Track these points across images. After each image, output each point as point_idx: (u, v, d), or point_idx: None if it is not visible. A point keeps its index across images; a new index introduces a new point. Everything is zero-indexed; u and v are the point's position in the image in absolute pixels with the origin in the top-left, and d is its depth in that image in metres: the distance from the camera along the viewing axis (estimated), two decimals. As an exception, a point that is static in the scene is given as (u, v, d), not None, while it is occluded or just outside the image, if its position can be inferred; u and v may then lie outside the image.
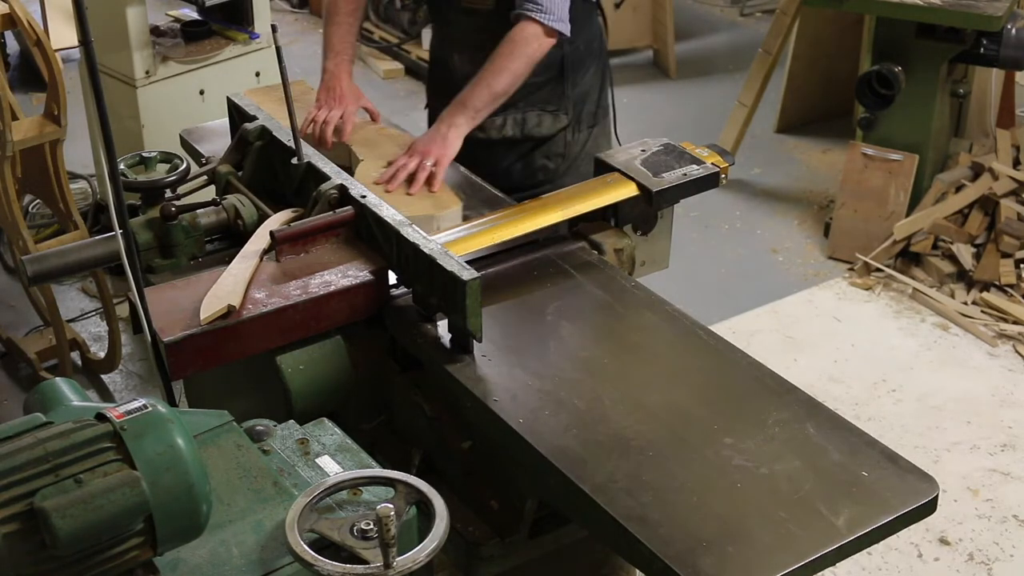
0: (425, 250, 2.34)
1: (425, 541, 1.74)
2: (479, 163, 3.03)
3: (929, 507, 2.04)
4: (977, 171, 4.93)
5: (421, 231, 2.44)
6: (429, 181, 2.77)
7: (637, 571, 2.44)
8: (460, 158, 2.93)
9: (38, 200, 4.70)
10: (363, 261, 2.49)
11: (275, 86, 3.00)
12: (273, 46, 2.66)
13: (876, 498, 2.02)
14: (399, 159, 2.81)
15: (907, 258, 4.81)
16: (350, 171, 2.81)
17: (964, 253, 4.66)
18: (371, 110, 3.09)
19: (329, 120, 2.96)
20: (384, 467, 1.93)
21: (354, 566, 1.69)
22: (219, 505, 1.76)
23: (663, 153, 2.86)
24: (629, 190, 2.77)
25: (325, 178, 2.62)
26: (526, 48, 2.80)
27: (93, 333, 4.43)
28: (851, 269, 4.85)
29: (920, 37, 4.65)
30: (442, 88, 3.10)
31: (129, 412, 1.61)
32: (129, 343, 4.20)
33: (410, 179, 2.79)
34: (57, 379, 1.84)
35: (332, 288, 2.40)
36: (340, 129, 2.97)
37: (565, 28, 2.84)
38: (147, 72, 4.33)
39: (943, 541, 3.50)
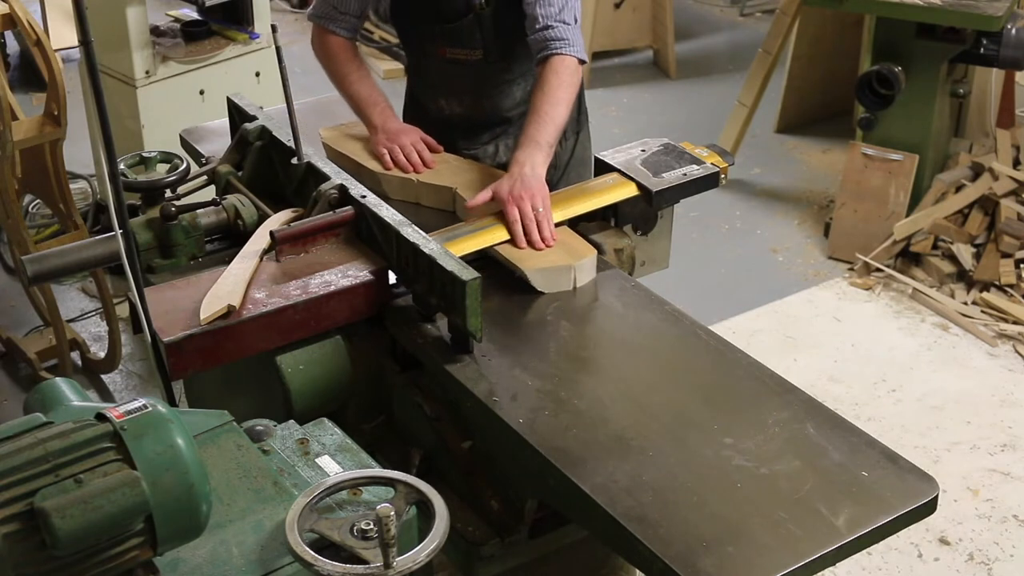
0: (425, 250, 2.34)
1: (425, 541, 1.74)
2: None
3: (929, 507, 2.04)
4: (977, 171, 4.93)
5: (421, 231, 2.44)
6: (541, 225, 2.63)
7: (637, 571, 2.44)
8: None
9: (38, 200, 4.71)
10: (363, 261, 2.49)
11: (351, 124, 3.06)
12: (273, 46, 2.66)
13: (876, 498, 2.02)
14: (509, 213, 2.59)
15: (907, 258, 4.81)
16: (454, 215, 2.76)
17: (964, 253, 4.66)
18: (429, 142, 2.97)
19: (406, 147, 2.89)
20: (384, 467, 1.93)
21: (354, 566, 1.69)
22: (219, 505, 1.76)
23: (663, 153, 2.87)
24: (629, 190, 2.77)
25: (325, 178, 2.62)
26: (572, 79, 2.78)
27: (93, 333, 4.43)
28: (851, 269, 4.85)
29: (920, 37, 4.65)
30: (425, 129, 3.01)
31: (129, 412, 1.61)
32: (129, 343, 4.20)
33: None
34: (57, 379, 1.84)
35: (332, 288, 2.40)
36: (422, 155, 2.90)
37: (586, 57, 2.87)
38: (147, 72, 4.33)
39: (943, 541, 3.50)
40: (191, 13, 4.68)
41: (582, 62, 2.84)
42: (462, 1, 2.91)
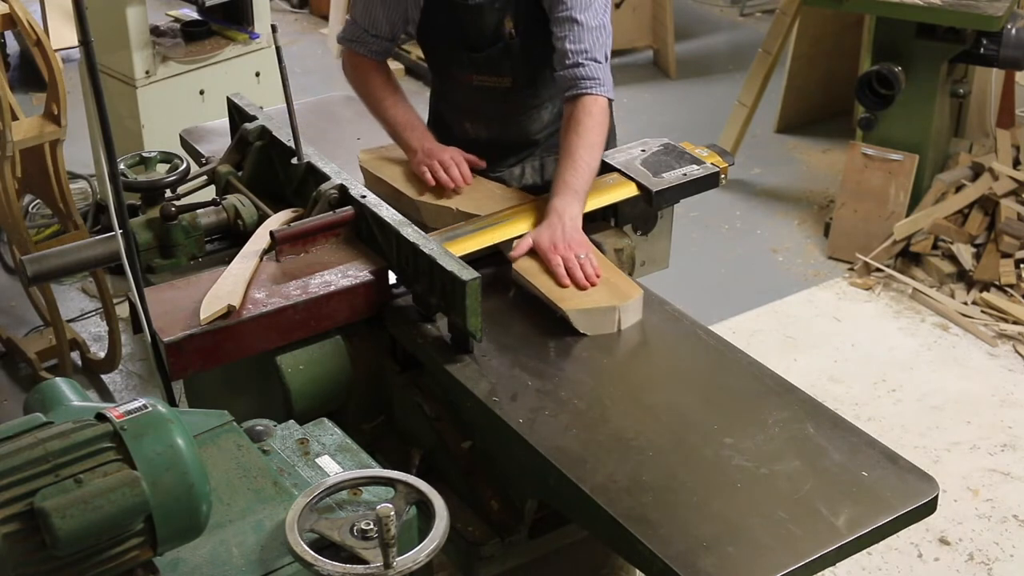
0: (425, 250, 2.34)
1: (425, 541, 1.74)
2: None
3: (929, 507, 2.04)
4: (977, 171, 4.93)
5: (421, 231, 2.44)
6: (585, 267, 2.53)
7: (637, 571, 2.44)
8: None
9: (38, 200, 4.70)
10: (363, 261, 2.49)
11: (387, 146, 2.97)
12: (273, 46, 2.66)
13: (876, 498, 2.02)
14: (552, 260, 2.50)
15: (907, 258, 4.81)
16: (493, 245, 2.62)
17: (964, 253, 4.66)
18: (470, 159, 2.89)
19: (446, 163, 2.82)
20: (384, 467, 1.93)
21: (354, 566, 1.69)
22: (219, 505, 1.76)
23: (663, 153, 2.87)
24: (629, 190, 2.77)
25: (325, 178, 2.62)
26: (604, 120, 2.72)
27: (93, 333, 4.42)
28: (851, 269, 4.85)
29: (920, 37, 4.65)
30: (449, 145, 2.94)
31: (129, 412, 1.61)
32: (129, 343, 4.20)
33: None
34: (57, 379, 1.84)
35: (332, 288, 2.41)
36: (461, 170, 2.84)
37: (614, 95, 2.80)
38: (147, 72, 4.33)
39: (943, 541, 3.50)
40: (191, 13, 4.68)
41: (611, 101, 2.77)
42: (491, 30, 2.84)
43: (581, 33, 2.72)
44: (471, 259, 2.45)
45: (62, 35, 5.20)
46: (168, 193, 2.80)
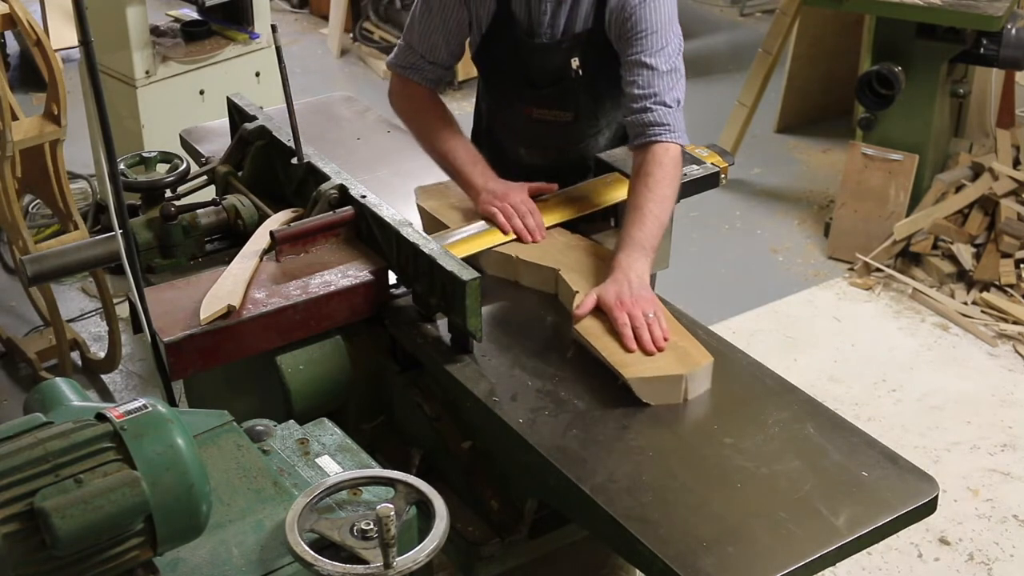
0: (425, 250, 2.34)
1: (425, 541, 1.74)
2: None
3: (929, 507, 2.04)
4: (977, 171, 4.93)
5: (420, 231, 2.44)
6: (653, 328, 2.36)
7: (637, 571, 2.44)
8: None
9: (38, 200, 4.70)
10: (363, 261, 2.49)
11: (443, 184, 2.82)
12: (273, 46, 2.66)
13: (876, 498, 2.02)
14: (618, 319, 2.33)
15: (907, 258, 4.81)
16: (555, 297, 2.50)
17: (964, 253, 4.66)
18: (543, 187, 2.73)
19: (520, 210, 2.62)
20: (384, 467, 1.93)
21: (354, 566, 1.69)
22: (219, 505, 1.76)
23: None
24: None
25: (325, 178, 2.62)
26: (675, 171, 2.60)
27: (93, 333, 4.43)
28: (851, 269, 4.85)
29: (920, 37, 4.65)
30: (503, 172, 2.77)
31: (129, 412, 1.61)
32: (129, 343, 4.20)
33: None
34: (57, 379, 1.84)
35: (332, 288, 2.40)
36: (536, 221, 2.64)
37: (688, 141, 2.70)
38: (147, 72, 4.33)
39: (943, 541, 3.50)
40: (191, 13, 4.68)
41: (683, 147, 2.66)
42: (556, 67, 2.77)
43: (652, 78, 2.63)
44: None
45: (62, 35, 5.20)
46: (168, 193, 2.80)
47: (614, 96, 2.79)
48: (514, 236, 2.61)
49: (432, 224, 2.71)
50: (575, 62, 2.76)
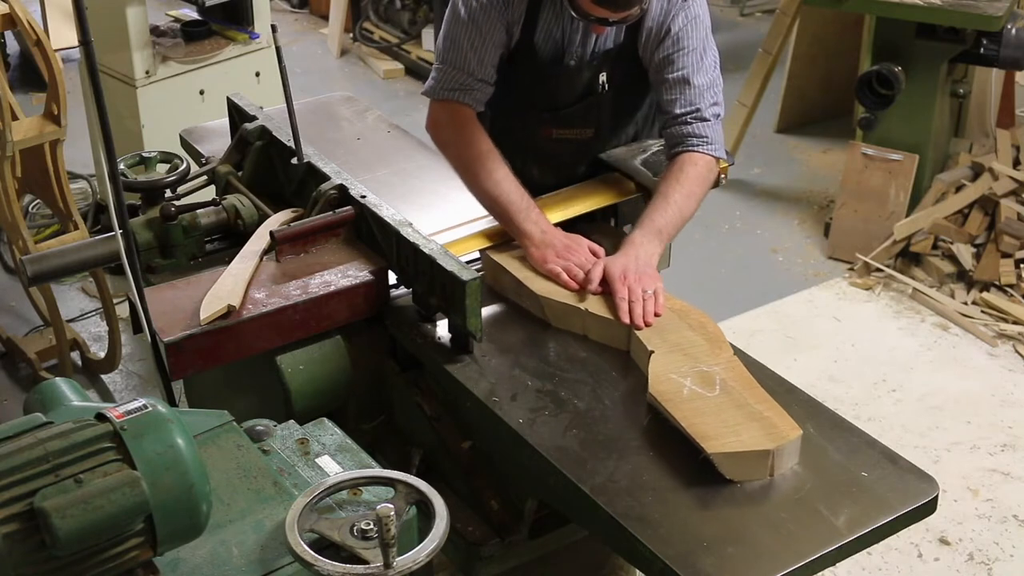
0: (425, 250, 2.34)
1: (425, 541, 1.74)
2: None
3: (929, 507, 2.04)
4: (977, 171, 4.93)
5: (420, 231, 2.44)
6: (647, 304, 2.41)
7: (637, 571, 2.44)
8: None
9: (38, 200, 4.70)
10: (363, 261, 2.49)
11: (507, 247, 2.62)
12: (273, 46, 2.66)
13: (876, 498, 2.02)
14: (618, 291, 2.39)
15: (907, 258, 4.81)
16: (627, 354, 2.39)
17: (964, 253, 4.66)
18: (597, 251, 2.57)
19: (584, 266, 2.50)
20: (384, 467, 1.93)
21: (354, 566, 1.69)
22: (219, 505, 1.76)
23: (663, 153, 2.86)
24: (629, 190, 2.77)
25: (325, 178, 2.62)
26: (707, 175, 2.63)
27: (93, 333, 4.42)
28: (851, 269, 4.85)
29: (920, 37, 4.65)
30: None
31: (129, 412, 1.61)
32: (129, 343, 4.20)
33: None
34: (57, 379, 1.85)
35: (332, 288, 2.40)
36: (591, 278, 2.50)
37: (725, 155, 2.71)
38: (147, 72, 4.33)
39: (943, 541, 3.50)
40: (191, 13, 4.68)
41: (718, 160, 2.68)
42: (584, 85, 2.74)
43: (692, 95, 2.64)
44: (471, 259, 2.45)
45: (62, 35, 5.18)
46: (168, 193, 2.80)
47: (632, 110, 2.80)
48: (508, 240, 2.58)
49: (494, 270, 2.58)
50: (602, 77, 2.75)
